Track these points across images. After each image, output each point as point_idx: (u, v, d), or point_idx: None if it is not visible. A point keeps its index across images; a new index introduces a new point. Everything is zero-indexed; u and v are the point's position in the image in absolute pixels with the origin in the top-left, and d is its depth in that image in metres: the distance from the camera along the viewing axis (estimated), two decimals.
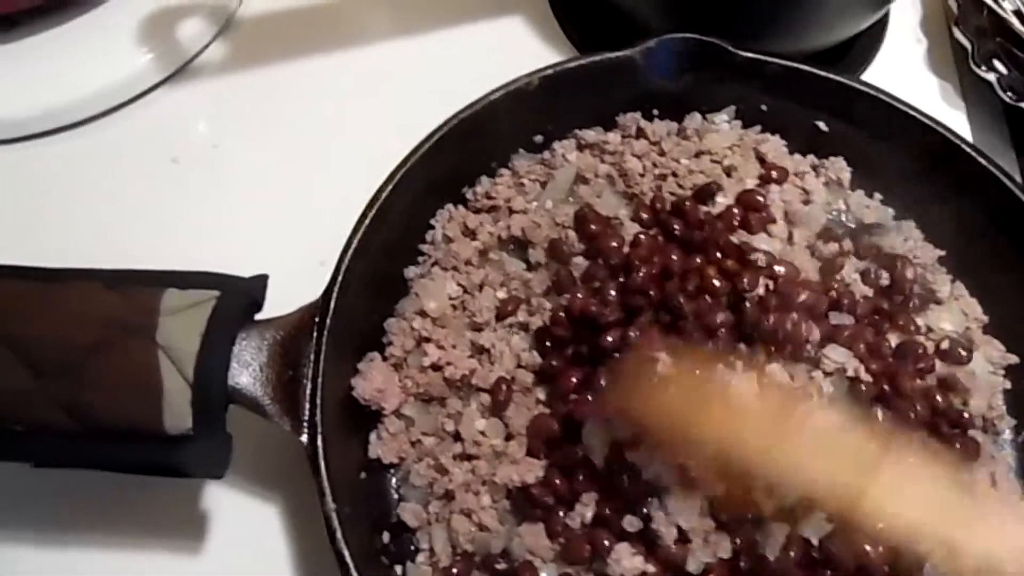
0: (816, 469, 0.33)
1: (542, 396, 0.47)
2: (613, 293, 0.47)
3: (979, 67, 0.63)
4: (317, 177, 0.59)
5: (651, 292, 0.46)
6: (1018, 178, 0.63)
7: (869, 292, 0.51)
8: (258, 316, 0.45)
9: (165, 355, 0.40)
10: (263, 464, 0.50)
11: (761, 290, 0.46)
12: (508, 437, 0.46)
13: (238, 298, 0.43)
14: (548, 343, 0.48)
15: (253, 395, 0.42)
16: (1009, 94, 0.62)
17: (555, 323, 0.48)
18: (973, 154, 0.54)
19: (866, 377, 0.45)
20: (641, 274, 0.47)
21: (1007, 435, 0.51)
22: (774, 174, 0.55)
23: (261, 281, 0.45)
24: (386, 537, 0.46)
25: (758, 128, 0.58)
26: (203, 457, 0.40)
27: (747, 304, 0.45)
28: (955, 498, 0.32)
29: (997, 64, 0.64)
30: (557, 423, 0.45)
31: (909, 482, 0.32)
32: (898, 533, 0.32)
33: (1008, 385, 0.52)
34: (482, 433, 0.46)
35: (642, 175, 0.55)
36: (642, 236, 0.51)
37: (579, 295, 0.48)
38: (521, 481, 0.44)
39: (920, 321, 0.52)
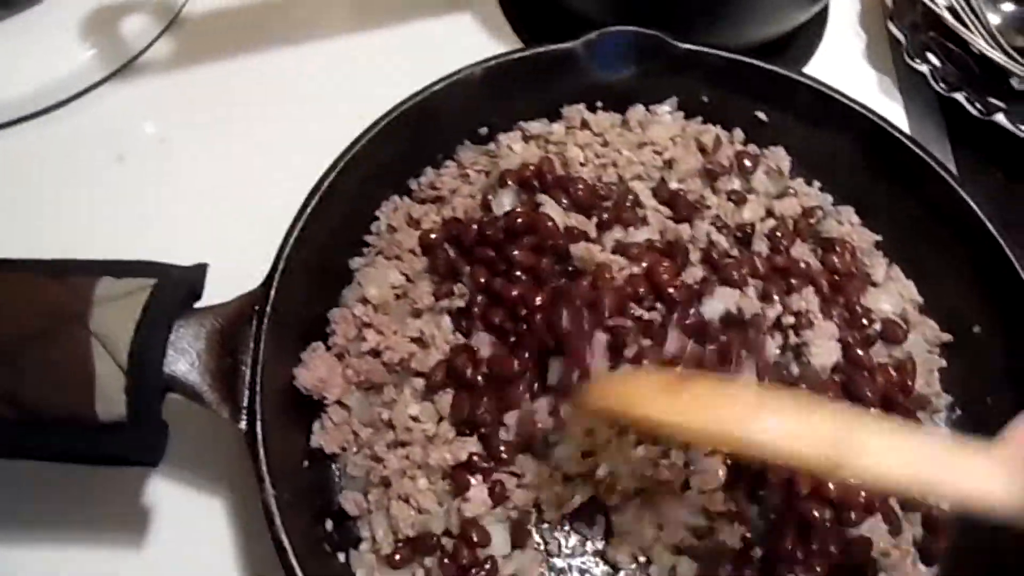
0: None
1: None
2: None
3: (913, 59, 0.65)
4: (263, 170, 0.59)
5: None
6: (952, 166, 0.66)
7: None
8: (199, 305, 0.45)
9: (98, 342, 0.39)
10: (207, 456, 0.50)
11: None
12: (440, 420, 0.47)
13: (175, 286, 0.43)
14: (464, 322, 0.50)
15: (190, 383, 0.42)
16: (942, 85, 0.64)
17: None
18: (906, 142, 0.55)
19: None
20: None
21: (943, 412, 0.52)
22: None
23: (200, 270, 0.45)
24: (329, 525, 0.46)
25: (699, 119, 0.59)
26: (138, 445, 0.40)
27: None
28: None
29: (931, 56, 0.66)
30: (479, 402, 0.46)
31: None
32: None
33: (943, 363, 0.53)
34: (414, 419, 0.47)
35: (583, 164, 0.56)
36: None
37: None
38: (454, 460, 0.44)
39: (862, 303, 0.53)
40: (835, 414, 0.35)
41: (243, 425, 0.42)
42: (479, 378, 0.47)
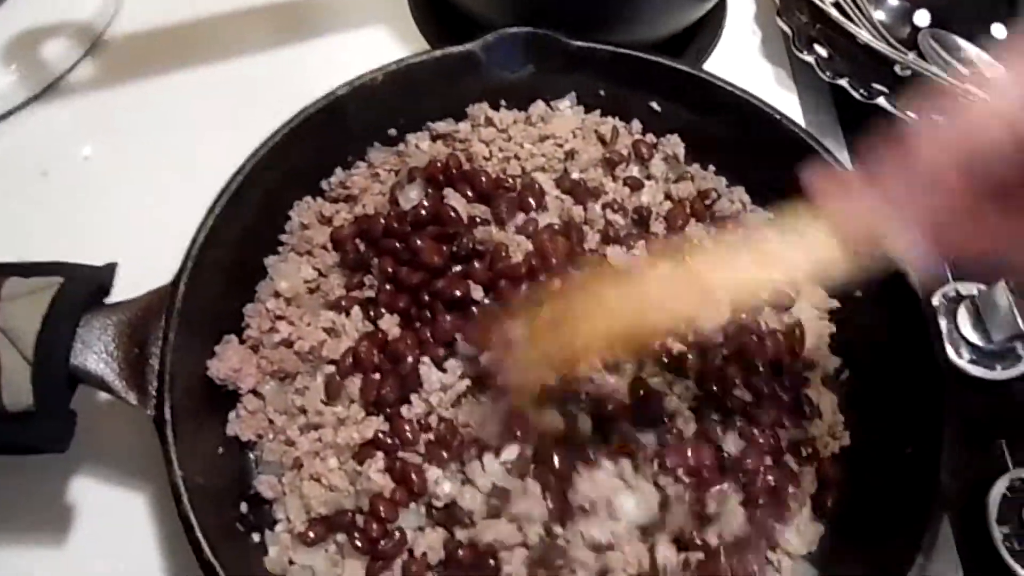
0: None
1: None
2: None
3: (800, 51, 0.69)
4: (180, 179, 0.61)
5: None
6: (844, 153, 0.70)
7: None
8: (110, 301, 0.47)
9: (4, 336, 0.41)
10: (129, 454, 0.52)
11: None
12: (351, 403, 0.49)
13: (83, 283, 0.45)
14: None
15: (98, 373, 0.43)
16: (828, 73, 0.68)
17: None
18: (788, 125, 0.58)
19: None
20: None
21: (832, 374, 0.56)
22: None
23: (110, 268, 0.47)
24: (244, 508, 0.48)
25: (598, 112, 0.62)
26: (45, 433, 0.42)
27: None
28: None
29: (817, 47, 0.70)
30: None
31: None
32: None
33: (833, 328, 0.56)
34: (325, 403, 0.49)
35: (487, 159, 0.58)
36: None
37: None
38: (361, 438, 0.46)
39: None
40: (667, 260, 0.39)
41: (150, 411, 0.44)
42: (381, 361, 0.49)
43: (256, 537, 0.47)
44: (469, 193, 0.56)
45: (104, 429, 0.52)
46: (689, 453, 0.47)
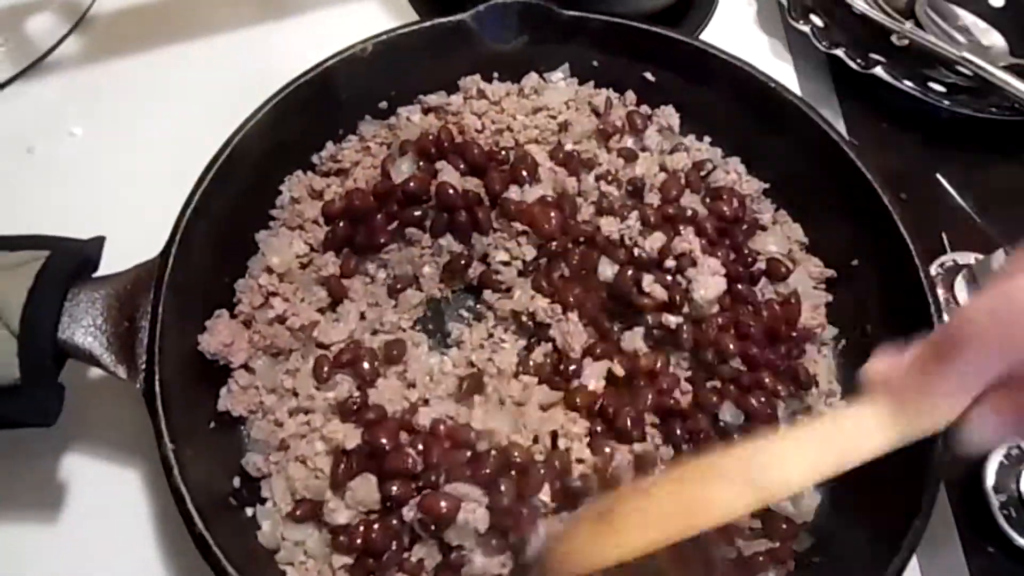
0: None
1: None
2: None
3: (796, 21, 0.68)
4: (171, 155, 0.60)
5: None
6: (840, 122, 0.69)
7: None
8: (97, 275, 0.46)
9: None
10: (122, 432, 0.51)
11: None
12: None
13: (70, 257, 0.44)
14: None
15: (86, 347, 0.43)
16: (824, 43, 0.67)
17: None
18: (781, 92, 0.58)
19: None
20: None
21: (829, 344, 0.55)
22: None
23: (97, 242, 0.46)
24: (237, 482, 0.47)
25: (592, 84, 0.62)
26: (32, 406, 0.41)
27: None
28: None
29: (813, 18, 0.69)
30: None
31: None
32: None
33: (829, 298, 0.56)
34: (316, 387, 0.48)
35: (479, 131, 0.58)
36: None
37: None
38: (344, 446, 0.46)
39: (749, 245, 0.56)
40: (736, 457, 0.36)
41: (140, 384, 0.43)
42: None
43: (249, 512, 0.47)
44: (461, 166, 0.56)
45: (96, 404, 0.51)
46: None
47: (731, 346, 0.51)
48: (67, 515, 0.50)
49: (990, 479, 0.52)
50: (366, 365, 0.49)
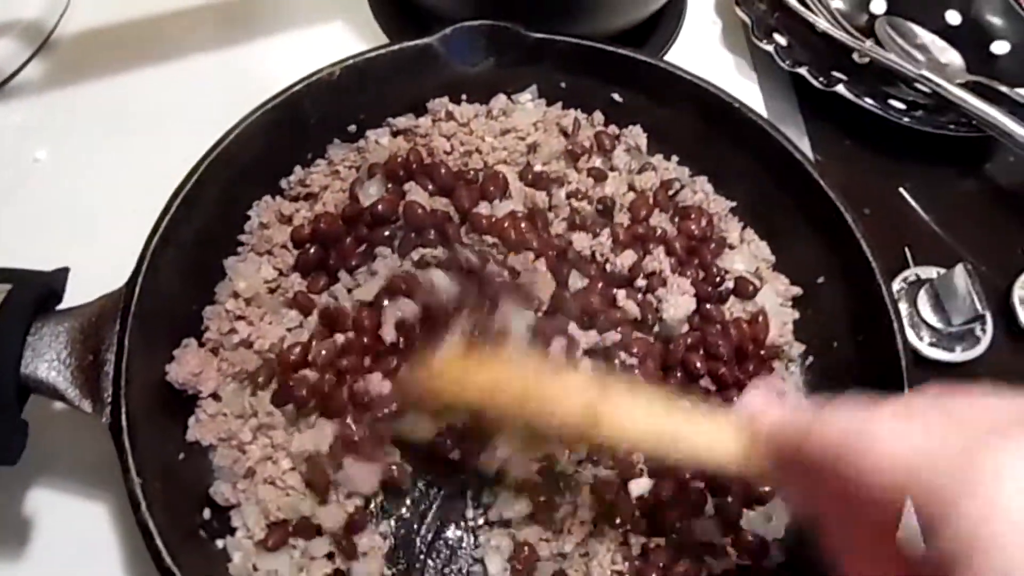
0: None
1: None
2: None
3: (759, 40, 0.69)
4: (134, 181, 0.60)
5: None
6: (805, 140, 0.70)
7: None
8: (62, 307, 0.46)
9: None
10: (88, 463, 0.50)
11: None
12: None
13: (32, 289, 0.43)
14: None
15: (50, 382, 0.42)
16: (787, 62, 0.69)
17: None
18: (749, 114, 0.59)
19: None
20: None
21: (797, 361, 0.56)
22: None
23: (62, 274, 0.46)
24: (207, 513, 0.47)
25: (560, 105, 0.62)
26: None
27: None
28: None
29: (777, 37, 0.71)
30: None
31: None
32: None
33: (796, 315, 0.57)
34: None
35: (448, 153, 0.58)
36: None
37: None
38: (316, 450, 0.45)
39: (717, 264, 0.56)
40: (591, 382, 0.41)
41: (105, 418, 0.43)
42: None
43: (220, 543, 0.46)
44: (430, 187, 0.56)
45: (60, 437, 0.51)
46: None
47: (699, 365, 0.51)
48: (33, 550, 0.49)
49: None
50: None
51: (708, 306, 0.53)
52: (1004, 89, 0.68)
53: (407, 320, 0.48)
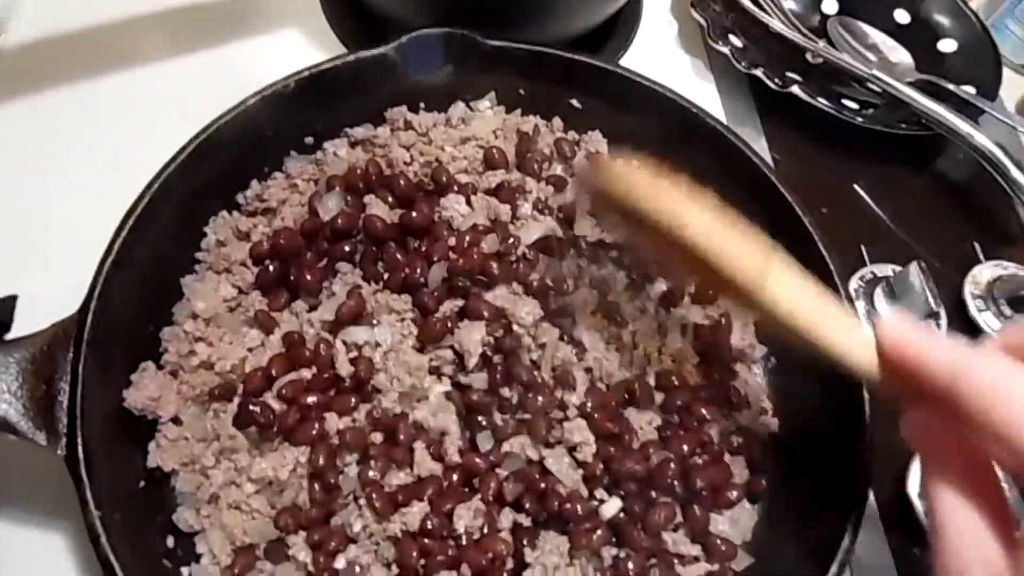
0: None
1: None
2: None
3: (715, 42, 0.70)
4: (85, 197, 0.58)
5: None
6: (762, 140, 0.71)
7: None
8: (10, 337, 0.44)
9: None
10: (43, 490, 0.49)
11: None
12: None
13: None
14: None
15: (1, 415, 0.41)
16: (743, 63, 0.69)
17: None
18: (707, 119, 0.59)
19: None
20: None
21: (759, 362, 0.57)
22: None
23: (8, 303, 0.44)
24: (171, 542, 0.46)
25: (519, 112, 0.62)
26: None
27: None
28: None
29: (732, 38, 0.71)
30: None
31: None
32: None
33: (757, 317, 0.57)
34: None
35: (408, 164, 0.57)
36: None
37: None
38: (275, 476, 0.45)
39: None
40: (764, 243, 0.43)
41: (61, 451, 0.41)
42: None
43: (185, 572, 0.45)
44: (390, 199, 0.55)
45: (11, 466, 0.49)
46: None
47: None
48: None
49: (914, 486, 0.54)
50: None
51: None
52: (951, 87, 0.70)
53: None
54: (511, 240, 0.53)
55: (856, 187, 0.71)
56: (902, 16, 0.76)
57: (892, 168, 0.72)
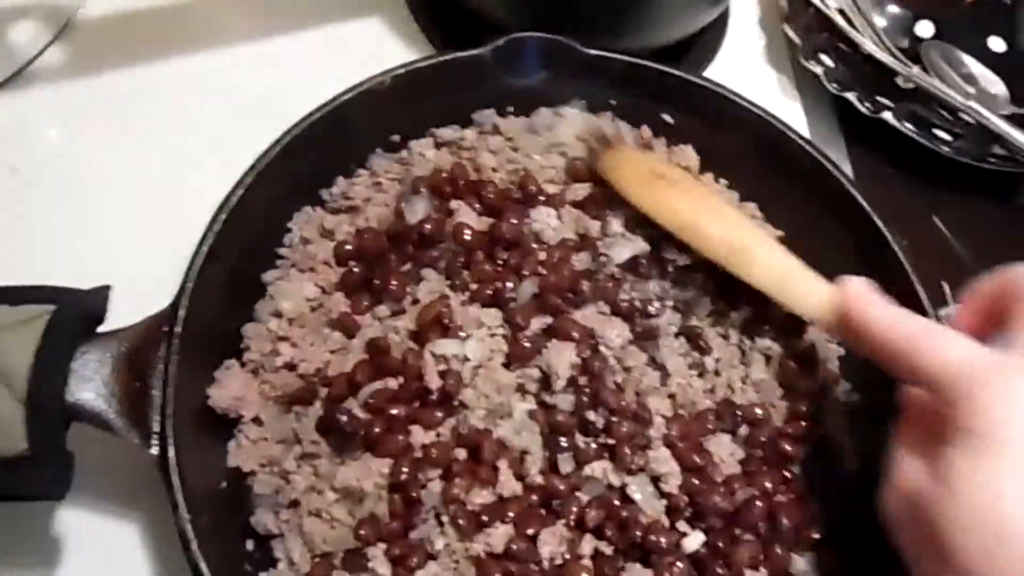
0: None
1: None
2: None
3: (807, 61, 0.68)
4: (170, 183, 0.58)
5: None
6: (847, 164, 0.69)
7: None
8: (104, 329, 0.43)
9: None
10: (119, 482, 0.49)
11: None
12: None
13: (76, 310, 0.41)
14: None
15: (96, 410, 0.40)
16: (834, 85, 0.67)
17: None
18: (799, 141, 0.57)
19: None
20: None
21: (842, 398, 0.55)
22: None
23: (103, 292, 0.43)
24: (250, 545, 0.45)
25: (609, 116, 0.60)
26: (42, 479, 0.39)
27: None
28: None
29: (824, 58, 0.69)
30: None
31: None
32: None
33: (842, 351, 0.56)
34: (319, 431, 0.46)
35: (495, 170, 0.56)
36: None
37: None
38: (358, 486, 0.44)
39: None
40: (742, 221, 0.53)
41: (155, 451, 0.41)
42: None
43: None
44: (477, 206, 0.54)
45: (93, 458, 0.48)
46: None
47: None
48: (63, 571, 0.47)
49: None
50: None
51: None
52: None
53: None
54: (601, 257, 0.52)
55: (935, 219, 0.70)
56: (997, 44, 0.74)
57: (976, 202, 0.70)
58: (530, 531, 0.44)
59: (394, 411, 0.46)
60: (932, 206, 0.70)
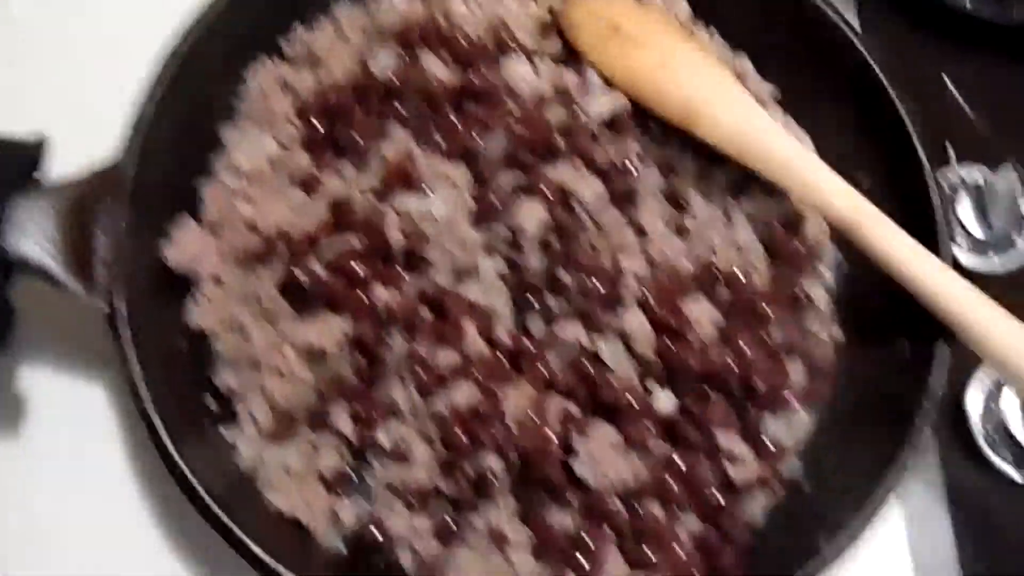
0: None
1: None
2: None
3: None
4: (114, 32, 0.54)
5: None
6: (853, 14, 0.64)
7: None
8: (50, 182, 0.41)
9: None
10: (82, 343, 0.48)
11: None
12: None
13: (10, 160, 0.39)
14: None
15: (39, 262, 0.39)
16: None
17: None
18: None
19: None
20: None
21: (831, 262, 0.53)
22: None
23: (39, 142, 0.41)
24: (211, 402, 0.45)
25: None
26: None
27: None
28: None
29: None
30: None
31: None
32: None
33: None
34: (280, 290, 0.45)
35: (467, 18, 0.52)
36: None
37: None
38: (318, 344, 0.43)
39: None
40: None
41: (101, 303, 0.40)
42: None
43: (226, 432, 0.44)
44: (447, 57, 0.51)
45: (49, 317, 0.47)
46: None
47: None
48: (29, 432, 0.47)
49: (971, 401, 0.52)
50: None
51: None
52: None
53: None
54: (578, 113, 0.49)
55: (943, 75, 0.65)
56: None
57: (988, 60, 0.66)
58: (494, 390, 0.43)
59: (355, 269, 0.45)
60: (943, 63, 0.65)
